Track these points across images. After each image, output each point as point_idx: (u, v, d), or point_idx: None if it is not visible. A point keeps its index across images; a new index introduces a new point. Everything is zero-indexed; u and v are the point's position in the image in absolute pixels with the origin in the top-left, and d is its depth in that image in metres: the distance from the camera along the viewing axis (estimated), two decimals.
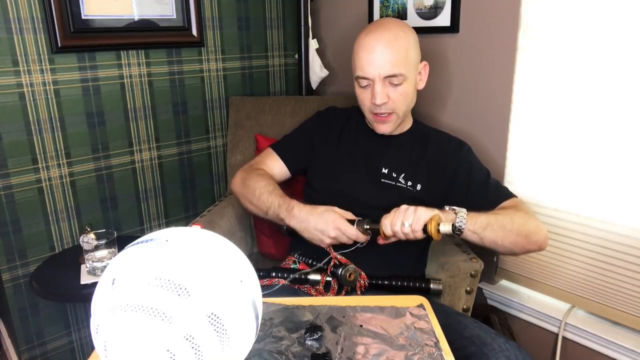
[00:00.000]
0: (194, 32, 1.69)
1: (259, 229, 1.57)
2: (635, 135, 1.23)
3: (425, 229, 1.01)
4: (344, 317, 0.83)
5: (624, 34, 1.21)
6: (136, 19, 1.56)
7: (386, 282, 1.13)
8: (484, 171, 1.24)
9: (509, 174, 1.50)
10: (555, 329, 1.48)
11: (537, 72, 1.38)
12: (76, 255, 1.46)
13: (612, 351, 1.37)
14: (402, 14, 1.66)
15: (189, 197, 1.84)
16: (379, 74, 1.13)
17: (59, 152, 1.50)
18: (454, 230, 1.02)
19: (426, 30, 1.58)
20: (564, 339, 1.47)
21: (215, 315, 0.57)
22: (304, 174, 1.37)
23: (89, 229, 1.36)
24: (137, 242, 0.62)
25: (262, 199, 1.20)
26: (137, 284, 0.56)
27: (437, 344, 0.76)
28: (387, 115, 1.19)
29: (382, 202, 1.20)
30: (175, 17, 1.65)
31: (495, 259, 1.60)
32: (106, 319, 0.56)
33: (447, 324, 0.91)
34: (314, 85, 1.94)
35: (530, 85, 1.40)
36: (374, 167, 1.24)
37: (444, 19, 1.55)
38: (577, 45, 1.29)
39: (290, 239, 1.33)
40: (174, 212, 1.81)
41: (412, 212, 1.01)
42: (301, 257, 1.20)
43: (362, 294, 1.11)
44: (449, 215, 1.05)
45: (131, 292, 0.56)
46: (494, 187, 1.21)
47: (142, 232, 1.74)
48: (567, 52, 1.31)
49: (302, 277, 1.12)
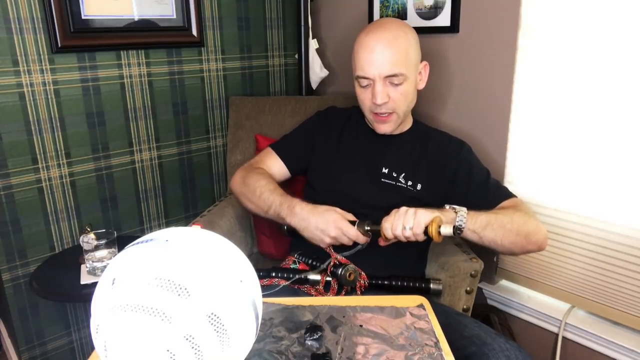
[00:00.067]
0: (194, 32, 1.69)
1: (259, 229, 1.57)
2: (635, 135, 1.23)
3: (426, 231, 1.00)
4: (344, 317, 0.83)
5: (624, 34, 1.21)
6: (136, 19, 1.56)
7: (386, 282, 1.13)
8: (484, 171, 1.24)
9: (509, 174, 1.50)
10: (555, 329, 1.48)
11: (537, 72, 1.38)
12: (76, 255, 1.46)
13: (612, 351, 1.37)
14: (402, 14, 1.66)
15: (189, 197, 1.84)
16: (380, 74, 1.13)
17: (59, 152, 1.50)
18: (454, 230, 1.02)
19: (426, 30, 1.58)
20: (564, 339, 1.47)
21: (215, 315, 0.57)
22: (304, 174, 1.37)
23: (89, 229, 1.36)
24: (137, 242, 0.62)
25: (262, 198, 1.20)
26: (137, 284, 0.56)
27: (437, 344, 0.76)
28: (387, 115, 1.19)
29: (382, 201, 1.20)
30: (175, 17, 1.65)
31: (495, 259, 1.60)
32: (106, 319, 0.56)
33: (447, 324, 0.91)
34: (314, 85, 1.94)
35: (530, 85, 1.40)
36: (374, 167, 1.24)
37: (444, 19, 1.55)
38: (577, 45, 1.29)
39: (290, 239, 1.33)
40: (174, 212, 1.81)
41: (412, 215, 1.00)
42: (301, 257, 1.20)
43: (362, 294, 1.11)
44: (449, 214, 1.05)
45: (131, 292, 0.56)
46: (494, 187, 1.21)
47: (142, 232, 1.74)
48: (567, 52, 1.31)
49: (302, 277, 1.12)
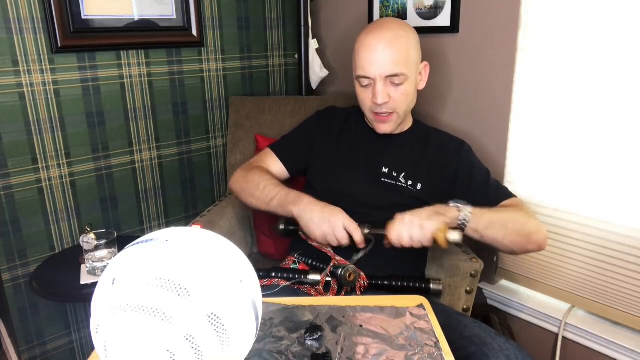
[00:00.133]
0: (194, 32, 1.69)
1: (259, 229, 1.57)
2: (635, 135, 1.23)
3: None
4: (344, 317, 0.83)
5: (624, 34, 1.21)
6: (136, 19, 1.56)
7: (386, 283, 1.13)
8: (484, 171, 1.24)
9: (509, 173, 1.50)
10: (555, 329, 1.48)
11: (537, 72, 1.38)
12: (76, 255, 1.46)
13: (612, 351, 1.37)
14: (402, 14, 1.66)
15: (189, 197, 1.84)
16: (380, 74, 1.13)
17: (59, 152, 1.50)
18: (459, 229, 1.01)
19: (426, 30, 1.58)
20: (564, 339, 1.47)
21: (215, 315, 0.57)
22: (304, 174, 1.37)
23: (89, 229, 1.36)
24: (137, 242, 0.62)
25: (266, 190, 1.20)
26: (137, 284, 0.56)
27: (437, 344, 0.76)
28: (387, 115, 1.19)
29: (382, 201, 1.20)
30: (175, 17, 1.65)
31: (495, 259, 1.60)
32: (106, 319, 0.56)
33: (447, 324, 0.91)
34: (314, 85, 1.94)
35: (530, 85, 1.40)
36: (374, 167, 1.24)
37: (444, 19, 1.55)
38: (577, 45, 1.29)
39: (290, 240, 1.33)
40: (174, 212, 1.81)
41: (417, 225, 0.99)
42: (301, 257, 1.20)
43: (362, 294, 1.11)
44: (452, 212, 1.04)
45: (131, 292, 0.56)
46: (494, 187, 1.21)
47: (142, 232, 1.74)
48: (567, 52, 1.31)
49: (302, 277, 1.12)
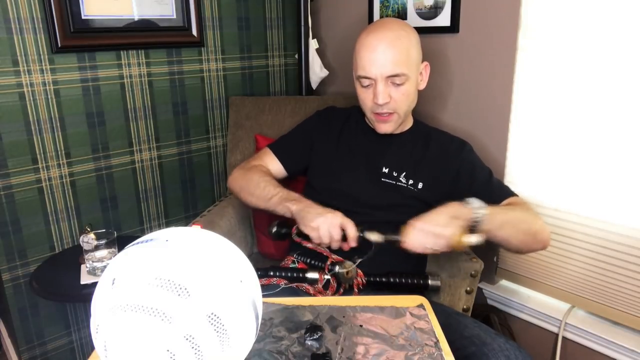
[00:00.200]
0: (194, 32, 1.69)
1: (259, 229, 1.57)
2: (635, 135, 1.23)
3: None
4: (344, 317, 0.83)
5: (624, 33, 1.21)
6: (136, 19, 1.56)
7: (384, 279, 1.13)
8: (486, 171, 1.24)
9: (509, 173, 1.50)
10: (555, 329, 1.48)
11: (537, 72, 1.38)
12: (76, 255, 1.46)
13: (612, 351, 1.37)
14: (402, 14, 1.66)
15: (189, 197, 1.84)
16: (381, 74, 1.13)
17: (59, 152, 1.50)
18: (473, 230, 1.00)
19: (426, 30, 1.58)
20: (564, 339, 1.47)
21: (215, 315, 0.57)
22: (302, 174, 1.37)
23: (89, 229, 1.36)
24: (137, 242, 0.62)
25: (266, 190, 1.21)
26: (137, 284, 0.56)
27: (437, 344, 0.76)
28: (388, 115, 1.19)
29: (382, 201, 1.20)
30: (175, 17, 1.65)
31: (495, 259, 1.60)
32: (106, 319, 0.56)
33: (447, 324, 0.91)
34: (314, 85, 1.94)
35: (530, 85, 1.40)
36: (375, 167, 1.24)
37: (444, 19, 1.55)
38: (577, 45, 1.29)
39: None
40: (174, 212, 1.81)
41: (434, 234, 0.97)
42: (300, 257, 1.20)
43: (361, 291, 1.11)
44: (467, 213, 1.01)
45: (131, 292, 0.56)
46: (497, 186, 1.21)
47: (142, 232, 1.74)
48: (567, 52, 1.31)
49: (300, 275, 1.12)
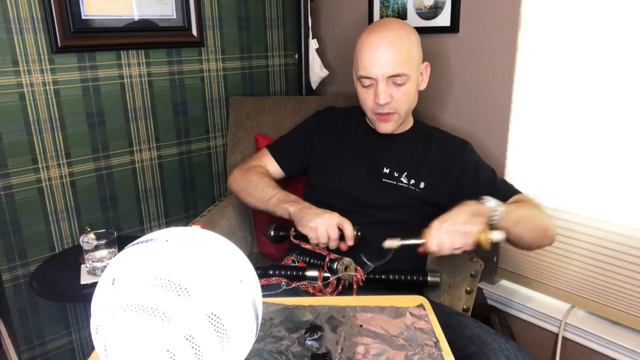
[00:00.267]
0: (194, 32, 1.69)
1: (259, 229, 1.57)
2: (635, 135, 1.23)
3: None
4: (344, 317, 0.83)
5: (624, 33, 1.21)
6: (136, 19, 1.56)
7: (383, 277, 1.13)
8: (489, 169, 1.24)
9: (509, 173, 1.50)
10: (555, 329, 1.48)
11: (537, 72, 1.38)
12: (76, 255, 1.46)
13: (612, 351, 1.37)
14: (402, 14, 1.66)
15: (189, 197, 1.84)
16: (383, 74, 1.13)
17: (59, 152, 1.50)
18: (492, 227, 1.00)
19: (426, 30, 1.58)
20: (564, 339, 1.47)
21: (215, 315, 0.57)
22: (302, 175, 1.37)
23: (89, 229, 1.36)
24: (137, 242, 0.62)
25: (265, 191, 1.22)
26: (137, 284, 0.56)
27: (437, 343, 0.76)
28: (389, 114, 1.18)
29: (382, 201, 1.20)
30: (175, 17, 1.64)
31: (495, 259, 1.60)
32: (106, 319, 0.56)
33: (447, 324, 0.91)
34: (314, 85, 1.94)
35: (530, 85, 1.40)
36: (375, 167, 1.24)
37: (444, 19, 1.55)
38: (577, 45, 1.29)
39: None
40: (174, 212, 1.81)
41: (459, 232, 0.94)
42: (300, 257, 1.20)
43: (361, 288, 1.11)
44: (487, 211, 1.00)
45: (131, 292, 0.56)
46: (502, 185, 1.22)
47: (142, 232, 1.74)
48: (567, 52, 1.31)
49: (300, 274, 1.12)
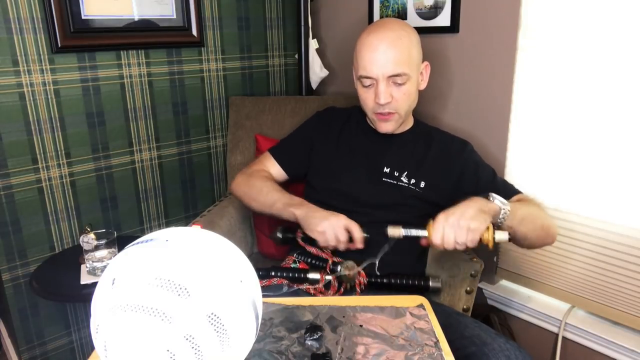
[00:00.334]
0: (194, 32, 1.69)
1: (259, 229, 1.57)
2: (635, 135, 1.23)
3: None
4: (344, 317, 0.83)
5: (624, 33, 1.21)
6: (136, 19, 1.56)
7: (385, 280, 1.13)
8: (489, 170, 1.24)
9: (510, 173, 1.50)
10: (555, 329, 1.48)
11: (537, 72, 1.38)
12: (76, 255, 1.46)
13: (612, 351, 1.37)
14: (402, 14, 1.66)
15: (189, 197, 1.84)
16: (383, 74, 1.13)
17: (59, 152, 1.50)
18: (497, 227, 0.99)
19: (426, 30, 1.58)
20: (564, 339, 1.47)
21: (215, 315, 0.57)
22: (306, 176, 1.37)
23: (89, 229, 1.36)
24: (137, 242, 0.62)
25: (269, 195, 1.22)
26: (137, 284, 0.56)
27: (437, 343, 0.76)
28: (389, 114, 1.18)
29: (382, 201, 1.20)
30: (175, 17, 1.64)
31: (495, 259, 1.60)
32: (106, 319, 0.56)
33: (447, 324, 0.91)
34: (314, 85, 1.94)
35: (530, 85, 1.40)
36: (376, 167, 1.24)
37: (444, 19, 1.55)
38: (577, 45, 1.29)
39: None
40: (174, 212, 1.81)
41: (464, 227, 0.93)
42: (301, 257, 1.20)
43: (362, 292, 1.11)
44: (494, 209, 1.00)
45: (131, 292, 0.55)
46: (502, 185, 1.22)
47: (142, 232, 1.74)
48: (567, 52, 1.31)
49: (302, 276, 1.12)
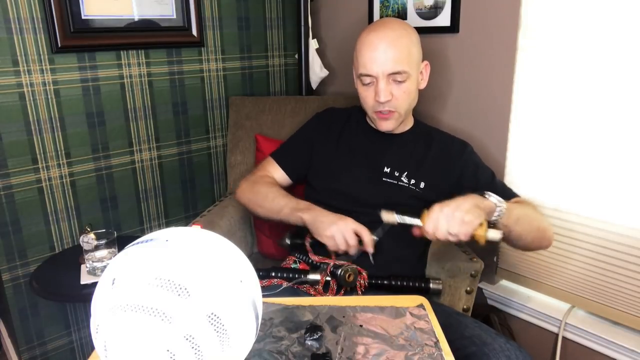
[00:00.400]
0: (194, 32, 1.69)
1: (259, 229, 1.57)
2: (635, 135, 1.23)
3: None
4: (344, 317, 0.83)
5: (624, 34, 1.21)
6: (136, 19, 1.56)
7: (386, 282, 1.13)
8: (489, 172, 1.24)
9: (509, 173, 1.50)
10: (555, 329, 1.48)
11: (537, 72, 1.38)
12: (76, 255, 1.46)
13: (612, 351, 1.37)
14: (402, 14, 1.66)
15: (189, 197, 1.84)
16: (383, 71, 1.13)
17: (59, 152, 1.50)
18: (493, 225, 0.99)
19: (426, 30, 1.58)
20: (564, 339, 1.47)
21: (215, 315, 0.57)
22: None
23: (89, 229, 1.36)
24: (137, 242, 0.62)
25: (276, 201, 1.22)
26: (137, 284, 0.56)
27: (437, 343, 0.76)
28: (389, 112, 1.19)
29: (382, 200, 1.20)
30: (175, 17, 1.65)
31: (495, 259, 1.60)
32: (106, 319, 0.56)
33: (447, 324, 0.91)
34: (314, 85, 1.94)
35: (530, 85, 1.40)
36: (376, 166, 1.24)
37: (444, 19, 1.55)
38: (577, 45, 1.29)
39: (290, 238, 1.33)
40: (174, 212, 1.81)
41: (459, 219, 0.92)
42: (301, 257, 1.20)
43: (362, 294, 1.11)
44: (490, 206, 0.99)
45: (131, 292, 0.55)
46: (500, 187, 1.21)
47: (142, 232, 1.74)
48: (567, 52, 1.31)
49: (302, 277, 1.12)
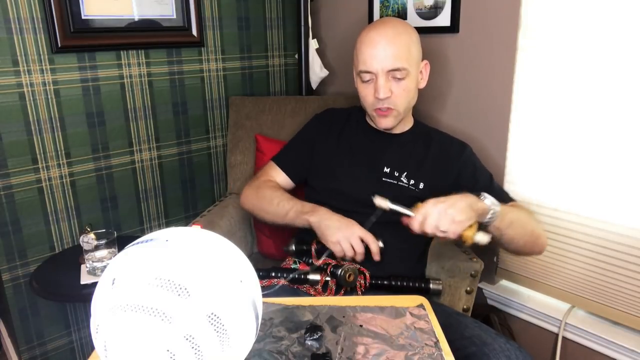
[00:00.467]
0: (194, 32, 1.69)
1: (259, 229, 1.57)
2: (635, 135, 1.23)
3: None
4: (344, 317, 0.83)
5: (624, 34, 1.21)
6: (136, 19, 1.56)
7: (386, 282, 1.13)
8: (487, 174, 1.24)
9: (509, 174, 1.50)
10: (555, 329, 1.48)
11: (537, 72, 1.38)
12: (76, 255, 1.46)
13: (612, 351, 1.37)
14: (402, 14, 1.66)
15: (189, 197, 1.84)
16: (382, 68, 1.13)
17: (59, 152, 1.50)
18: (484, 228, 0.99)
19: (426, 30, 1.58)
20: (564, 339, 1.47)
21: (215, 315, 0.57)
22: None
23: (89, 229, 1.36)
24: (137, 242, 0.62)
25: (281, 205, 1.22)
26: (137, 284, 0.56)
27: (437, 343, 0.76)
28: (388, 109, 1.18)
29: None
30: (175, 17, 1.65)
31: (495, 259, 1.60)
32: (106, 319, 0.56)
33: (447, 324, 0.91)
34: (314, 85, 1.94)
35: (530, 85, 1.40)
36: (375, 166, 1.24)
37: (444, 19, 1.55)
38: (577, 45, 1.29)
39: (290, 238, 1.33)
40: (174, 212, 1.81)
41: (450, 217, 0.92)
42: (301, 257, 1.20)
43: (363, 294, 1.11)
44: (484, 208, 0.99)
45: (131, 292, 0.55)
46: (498, 190, 1.21)
47: (142, 232, 1.74)
48: (567, 52, 1.31)
49: (302, 276, 1.12)
